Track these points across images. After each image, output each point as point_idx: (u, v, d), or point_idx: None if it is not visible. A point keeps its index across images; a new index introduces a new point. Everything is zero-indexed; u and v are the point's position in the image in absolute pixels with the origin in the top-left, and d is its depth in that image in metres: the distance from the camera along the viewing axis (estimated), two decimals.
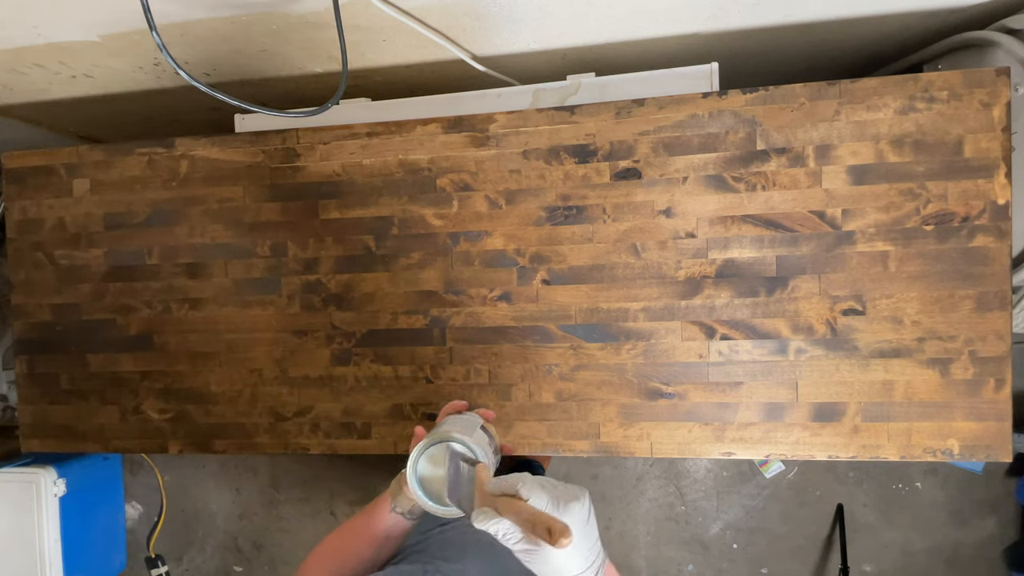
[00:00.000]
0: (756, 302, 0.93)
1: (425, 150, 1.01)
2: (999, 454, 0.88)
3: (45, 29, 0.97)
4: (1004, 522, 1.65)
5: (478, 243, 1.00)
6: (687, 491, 1.78)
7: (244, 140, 1.06)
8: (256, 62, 1.12)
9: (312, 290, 1.05)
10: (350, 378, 1.04)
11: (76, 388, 1.13)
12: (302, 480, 1.96)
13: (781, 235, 0.92)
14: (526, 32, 1.04)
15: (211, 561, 2.01)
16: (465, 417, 0.70)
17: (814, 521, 1.71)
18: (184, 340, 1.09)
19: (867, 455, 0.91)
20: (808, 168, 0.91)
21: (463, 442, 0.60)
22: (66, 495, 1.69)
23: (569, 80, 1.05)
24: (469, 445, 0.60)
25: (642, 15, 1.01)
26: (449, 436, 0.61)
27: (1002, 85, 0.86)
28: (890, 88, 0.88)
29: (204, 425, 1.09)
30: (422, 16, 0.97)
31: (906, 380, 0.90)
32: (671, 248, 0.95)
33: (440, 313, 1.01)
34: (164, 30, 0.95)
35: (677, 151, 0.94)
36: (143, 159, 1.09)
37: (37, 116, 1.41)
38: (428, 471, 0.61)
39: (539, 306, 0.98)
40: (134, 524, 2.04)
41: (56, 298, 1.13)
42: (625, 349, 0.96)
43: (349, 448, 1.05)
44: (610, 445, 0.98)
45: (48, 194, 1.12)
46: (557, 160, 0.97)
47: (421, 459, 0.61)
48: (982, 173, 0.87)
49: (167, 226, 1.09)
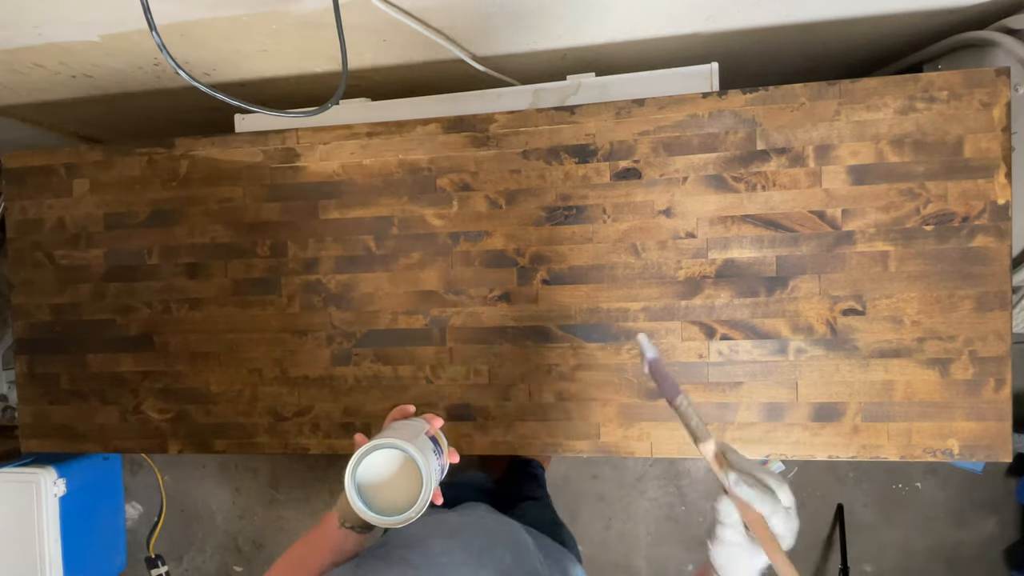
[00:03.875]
0: (756, 302, 0.93)
1: (425, 150, 1.01)
2: (999, 454, 0.88)
3: (45, 29, 0.97)
4: (1004, 522, 1.65)
5: (478, 243, 1.00)
6: (687, 491, 1.78)
7: (244, 140, 1.06)
8: (256, 62, 1.12)
9: (312, 290, 1.05)
10: (350, 378, 1.04)
11: (76, 388, 1.13)
12: (302, 480, 1.96)
13: (781, 235, 0.92)
14: (526, 32, 1.04)
15: (211, 561, 2.01)
16: (411, 423, 0.66)
17: (814, 521, 1.71)
18: (184, 340, 1.09)
19: (867, 455, 0.91)
20: (808, 168, 0.91)
21: (402, 448, 0.57)
22: (66, 495, 1.69)
23: (569, 80, 1.05)
24: (409, 451, 0.57)
25: (642, 15, 1.01)
26: (388, 443, 0.57)
27: (1002, 85, 0.86)
28: (890, 88, 0.88)
29: (204, 425, 1.09)
30: (422, 16, 0.97)
31: (906, 380, 0.90)
32: (671, 248, 0.95)
33: (440, 313, 1.01)
34: (164, 30, 0.95)
35: (677, 151, 0.94)
36: (143, 159, 1.09)
37: (37, 116, 1.41)
38: (371, 478, 0.58)
39: (539, 306, 0.98)
40: (134, 524, 2.04)
41: (56, 298, 1.13)
42: (625, 349, 0.96)
43: (349, 448, 1.05)
44: (610, 445, 0.98)
45: (48, 194, 1.12)
46: (557, 160, 0.97)
47: (360, 466, 0.58)
48: (982, 173, 0.87)
49: (167, 226, 1.09)
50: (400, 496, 0.58)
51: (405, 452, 0.58)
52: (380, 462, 0.59)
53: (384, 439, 0.58)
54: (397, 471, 0.59)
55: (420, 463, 0.57)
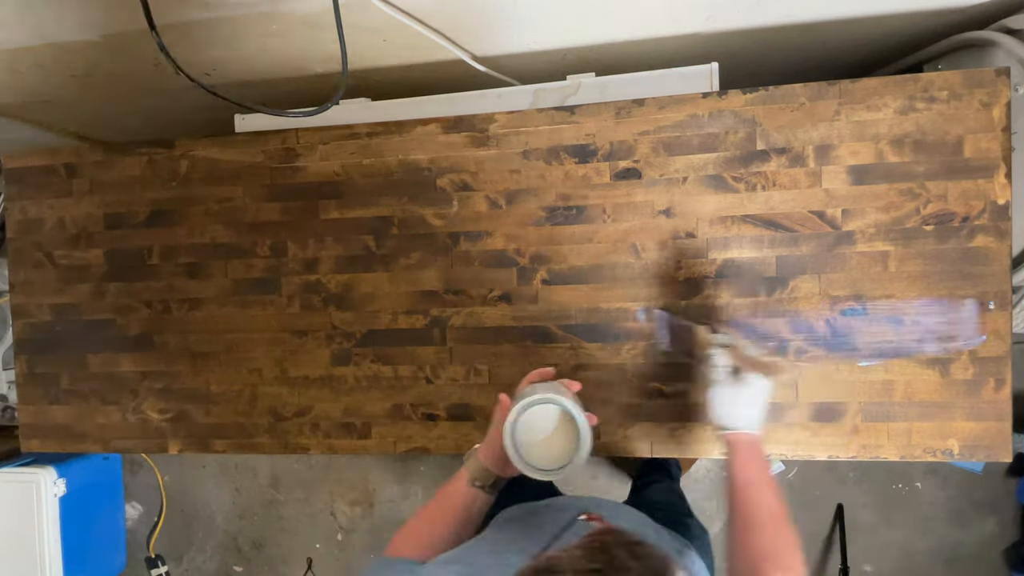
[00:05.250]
0: (756, 302, 0.93)
1: (425, 150, 1.01)
2: (999, 454, 0.88)
3: (45, 29, 0.97)
4: (1004, 522, 1.65)
5: (478, 243, 1.00)
6: (687, 491, 1.77)
7: (244, 140, 1.06)
8: (256, 62, 1.12)
9: (312, 290, 1.05)
10: (350, 378, 1.04)
11: (76, 388, 1.13)
12: (302, 480, 1.96)
13: (781, 235, 0.92)
14: (526, 32, 1.04)
15: (211, 561, 2.01)
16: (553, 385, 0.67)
17: (814, 521, 1.71)
18: (184, 340, 1.09)
19: (867, 455, 0.91)
20: (808, 168, 0.91)
21: (561, 403, 0.58)
22: (66, 495, 1.69)
23: (569, 80, 1.04)
24: (567, 406, 0.57)
25: (642, 15, 1.01)
26: (550, 398, 0.58)
27: (1002, 85, 0.86)
28: (890, 88, 0.88)
29: (204, 425, 1.09)
30: (422, 16, 0.97)
31: (906, 380, 0.90)
32: (671, 248, 0.95)
33: (440, 313, 1.01)
34: (164, 30, 0.95)
35: (677, 151, 0.94)
36: (143, 159, 1.09)
37: (37, 116, 1.41)
38: (520, 434, 0.59)
39: (539, 306, 0.98)
40: (134, 524, 2.04)
41: (56, 298, 1.13)
42: (625, 349, 0.96)
43: (349, 448, 1.05)
44: (610, 445, 0.98)
45: (48, 194, 1.12)
46: (557, 160, 0.97)
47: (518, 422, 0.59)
48: (982, 173, 0.87)
49: (167, 226, 1.09)
50: (550, 452, 0.59)
51: (564, 408, 0.58)
52: (529, 419, 0.59)
53: (544, 395, 0.59)
54: (548, 427, 0.59)
55: (578, 418, 0.57)
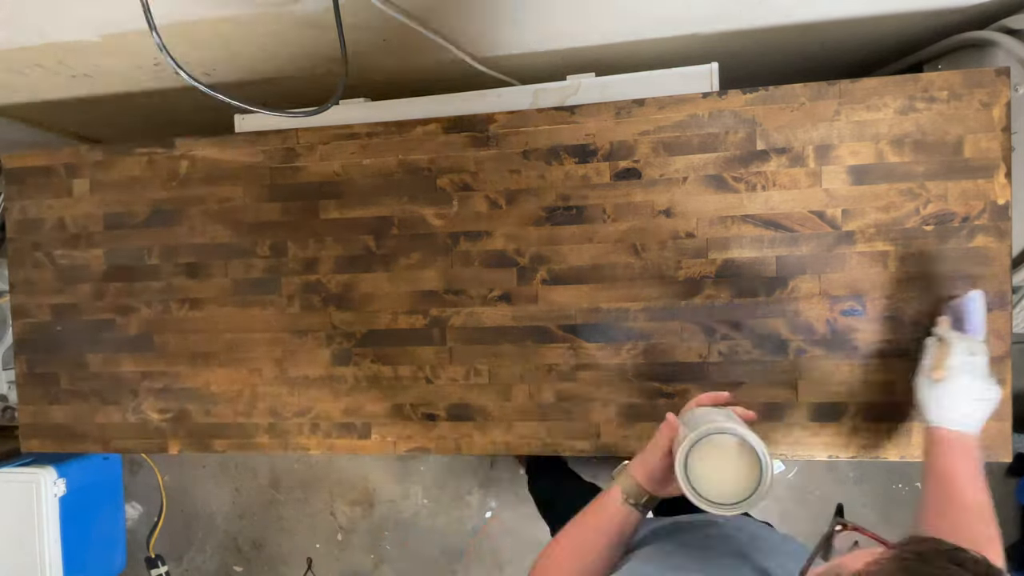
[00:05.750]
0: (756, 302, 0.93)
1: (425, 150, 1.01)
2: (999, 454, 0.88)
3: (45, 29, 0.97)
4: (1004, 522, 1.63)
5: (478, 243, 1.00)
6: None
7: (244, 140, 1.06)
8: (256, 62, 1.12)
9: (312, 290, 1.05)
10: (350, 378, 1.04)
11: (76, 388, 1.13)
12: (302, 480, 1.96)
13: (781, 235, 0.92)
14: (526, 32, 1.04)
15: (211, 561, 2.01)
16: (725, 411, 0.63)
17: (814, 521, 1.71)
18: (184, 340, 1.09)
19: (867, 455, 0.91)
20: (808, 168, 0.91)
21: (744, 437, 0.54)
22: (66, 495, 1.69)
23: (569, 80, 1.04)
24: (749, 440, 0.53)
25: (642, 15, 1.01)
26: (730, 428, 0.54)
27: (1002, 85, 0.86)
28: (890, 88, 0.88)
29: (204, 425, 1.09)
30: (422, 16, 0.97)
31: (906, 380, 0.90)
32: (671, 248, 0.95)
33: (440, 313, 1.01)
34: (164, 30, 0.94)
35: (677, 151, 0.94)
36: (143, 159, 1.09)
37: (37, 116, 1.41)
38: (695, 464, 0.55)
39: (539, 306, 0.98)
40: (134, 524, 2.04)
41: (56, 298, 1.13)
42: (625, 349, 0.96)
43: (349, 448, 1.05)
44: (610, 445, 0.98)
45: (48, 194, 1.12)
46: (557, 160, 0.97)
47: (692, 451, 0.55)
48: (982, 173, 0.87)
49: (167, 226, 1.09)
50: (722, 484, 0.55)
51: (745, 440, 0.55)
52: (703, 447, 0.56)
53: (723, 424, 0.56)
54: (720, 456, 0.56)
55: (761, 453, 0.54)
